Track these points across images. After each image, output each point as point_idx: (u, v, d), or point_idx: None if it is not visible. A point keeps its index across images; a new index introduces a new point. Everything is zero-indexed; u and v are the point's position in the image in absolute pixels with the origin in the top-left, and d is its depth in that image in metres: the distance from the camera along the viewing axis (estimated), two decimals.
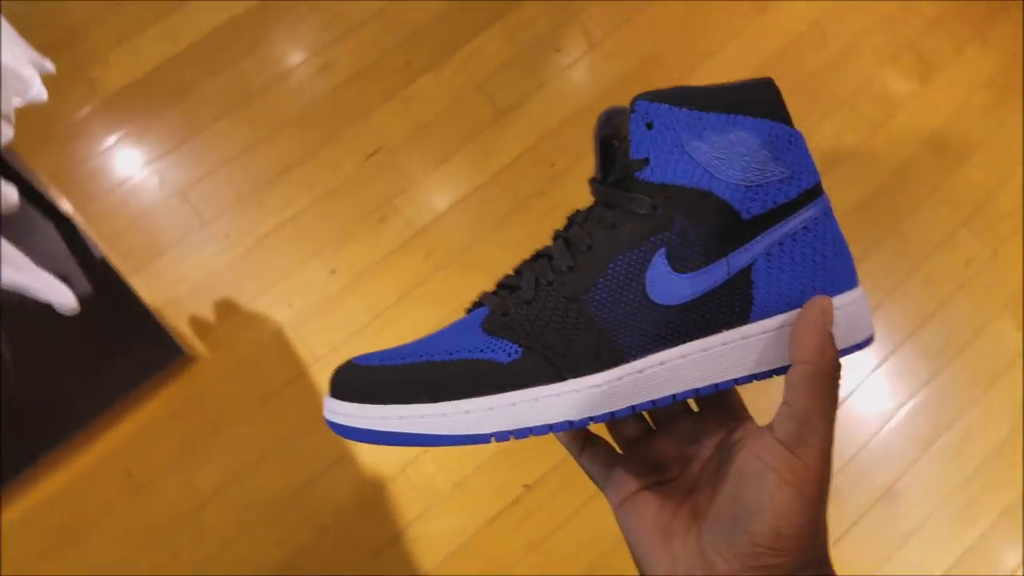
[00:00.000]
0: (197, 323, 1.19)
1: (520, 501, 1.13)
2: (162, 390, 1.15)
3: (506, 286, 0.40)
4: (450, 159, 1.29)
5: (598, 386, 0.36)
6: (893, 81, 1.38)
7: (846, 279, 0.39)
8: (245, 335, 1.18)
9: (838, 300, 0.38)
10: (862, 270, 0.40)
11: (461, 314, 0.41)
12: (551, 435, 0.39)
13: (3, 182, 0.88)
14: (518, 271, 0.41)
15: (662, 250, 0.37)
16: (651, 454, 0.41)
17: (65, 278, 1.06)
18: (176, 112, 1.31)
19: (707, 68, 1.36)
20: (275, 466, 1.13)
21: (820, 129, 1.33)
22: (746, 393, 0.41)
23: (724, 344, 0.37)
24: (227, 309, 1.19)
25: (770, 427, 0.35)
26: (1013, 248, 1.29)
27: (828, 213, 0.39)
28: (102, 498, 1.11)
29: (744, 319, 0.37)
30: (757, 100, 0.37)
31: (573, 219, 0.40)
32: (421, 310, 1.19)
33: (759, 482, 0.34)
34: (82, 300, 1.10)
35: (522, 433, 0.37)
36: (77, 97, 1.30)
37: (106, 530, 1.10)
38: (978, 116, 1.37)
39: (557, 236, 0.40)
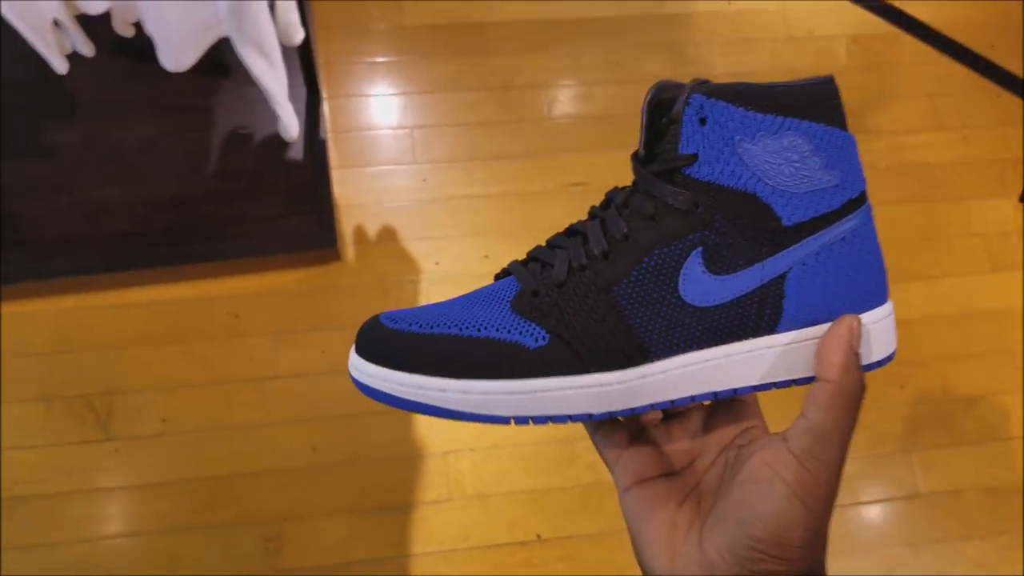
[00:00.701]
0: (360, 233, 1.26)
1: (527, 546, 1.11)
2: (300, 269, 1.23)
3: (537, 259, 0.39)
4: None
5: (620, 383, 0.36)
6: None
7: (877, 295, 0.38)
8: (389, 263, 1.25)
9: (867, 317, 0.37)
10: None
11: None
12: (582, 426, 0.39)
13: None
14: (552, 245, 0.39)
15: (699, 249, 0.35)
16: (662, 442, 0.40)
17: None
18: (450, 67, 1.41)
19: None
20: (347, 384, 1.15)
21: None
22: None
23: (749, 352, 0.36)
24: (389, 236, 1.26)
25: (784, 437, 0.34)
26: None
27: (868, 224, 0.37)
28: (202, 325, 1.20)
29: (772, 328, 0.36)
30: (815, 102, 0.35)
31: (611, 198, 0.39)
32: None
33: (767, 490, 0.33)
34: (288, 162, 1.20)
35: (541, 420, 0.36)
36: (382, 11, 1.44)
37: (192, 354, 1.18)
38: None
39: (594, 215, 0.39)
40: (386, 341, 0.37)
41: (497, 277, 0.41)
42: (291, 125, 1.11)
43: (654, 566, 0.36)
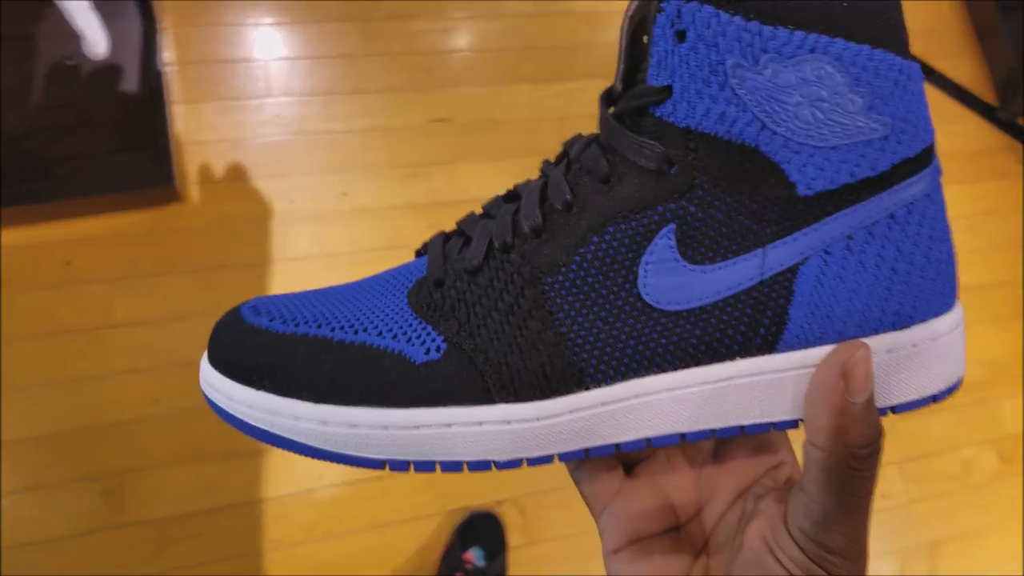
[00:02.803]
0: (205, 172, 1.14)
1: (382, 480, 1.03)
2: (138, 211, 1.11)
3: (462, 233, 0.28)
4: (501, 161, 1.24)
5: (537, 420, 0.25)
6: None
7: (939, 297, 0.25)
8: (237, 204, 1.14)
9: (922, 331, 0.24)
10: None
11: None
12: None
13: None
14: (484, 213, 0.29)
15: (671, 227, 0.24)
16: (663, 482, 0.29)
17: (121, 68, 1.02)
18: None
19: None
20: (192, 331, 1.06)
21: None
22: None
23: (730, 379, 0.25)
24: (237, 175, 1.15)
25: (785, 512, 0.24)
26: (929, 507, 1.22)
27: (932, 195, 0.25)
28: (32, 275, 1.07)
29: (770, 346, 0.25)
30: (862, 11, 0.22)
31: (567, 150, 0.28)
32: None
33: None
34: (121, 94, 1.05)
35: (425, 466, 0.26)
36: None
37: (15, 304, 1.04)
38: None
39: (542, 172, 0.28)
40: (238, 341, 0.27)
41: (418, 253, 0.30)
42: (95, 40, 0.96)
43: None
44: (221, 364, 0.27)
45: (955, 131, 1.48)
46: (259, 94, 1.20)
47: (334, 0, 1.28)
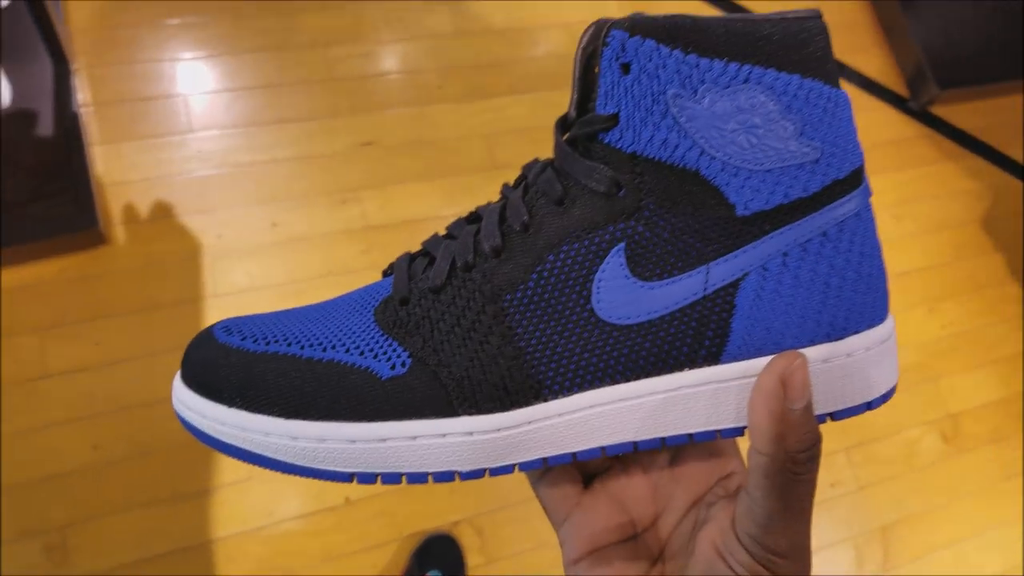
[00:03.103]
0: (130, 212, 1.16)
1: (336, 511, 1.09)
2: (63, 256, 1.12)
3: (427, 253, 0.31)
4: (430, 181, 1.29)
5: (497, 431, 0.27)
6: None
7: (871, 310, 0.28)
8: (164, 243, 1.16)
9: (862, 339, 0.27)
10: None
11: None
12: None
13: None
14: (447, 233, 0.31)
15: (620, 246, 0.27)
16: (621, 493, 0.31)
17: (34, 113, 1.04)
18: (222, 28, 1.32)
19: None
20: (128, 373, 1.08)
21: None
22: None
23: (679, 389, 0.27)
24: (162, 213, 1.17)
25: (733, 516, 0.27)
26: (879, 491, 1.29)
27: (862, 214, 0.28)
28: None
29: (714, 357, 0.27)
30: (790, 44, 0.26)
31: (525, 174, 0.31)
32: (332, 295, 1.14)
33: None
34: (37, 140, 1.07)
35: (392, 478, 0.28)
36: None
37: None
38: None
39: (502, 195, 0.31)
40: (210, 360, 0.29)
41: (385, 274, 0.32)
42: None
43: None
44: (193, 383, 0.29)
45: (874, 122, 1.59)
46: (180, 130, 1.22)
47: (251, 30, 1.32)
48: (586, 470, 0.32)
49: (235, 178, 1.21)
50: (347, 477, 0.27)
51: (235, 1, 1.33)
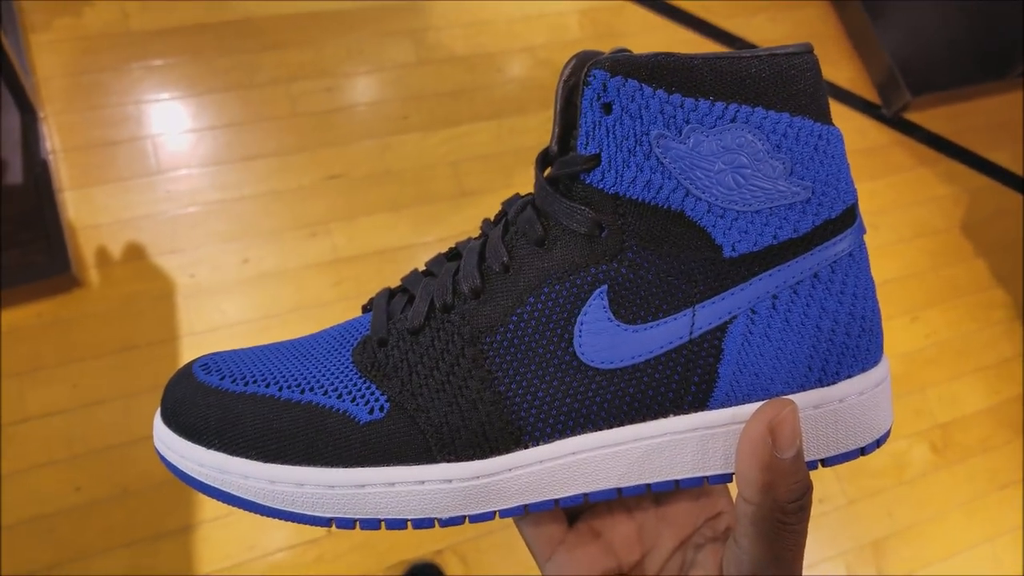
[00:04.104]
0: (102, 255, 1.31)
1: (317, 542, 1.22)
2: (39, 301, 1.26)
3: (406, 290, 0.33)
4: (399, 211, 1.44)
5: (477, 478, 0.29)
6: None
7: (865, 353, 0.30)
8: (138, 284, 1.30)
9: (856, 384, 0.29)
10: None
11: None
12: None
13: None
14: (427, 271, 0.33)
15: (603, 289, 0.29)
16: (606, 532, 0.34)
17: (3, 162, 1.21)
18: (185, 70, 1.48)
19: None
20: (106, 415, 1.22)
21: None
22: None
23: (664, 435, 0.29)
24: (135, 254, 1.32)
25: (720, 560, 0.29)
26: (868, 506, 1.41)
27: (855, 253, 0.29)
28: None
29: (702, 403, 0.29)
30: (780, 80, 0.28)
31: (506, 210, 0.33)
32: (307, 328, 1.28)
33: None
34: (6, 188, 1.24)
35: (370, 524, 0.30)
36: (106, 18, 1.48)
37: None
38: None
39: (482, 232, 0.33)
40: (189, 400, 0.32)
41: (364, 309, 0.35)
42: None
43: None
44: (172, 423, 0.32)
45: (847, 131, 1.75)
46: (149, 172, 1.37)
47: (214, 71, 1.47)
48: (571, 510, 0.35)
49: (205, 217, 1.36)
50: (326, 522, 0.30)
51: (197, 42, 1.49)
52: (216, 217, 1.37)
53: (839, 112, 1.78)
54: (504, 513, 0.30)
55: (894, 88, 1.75)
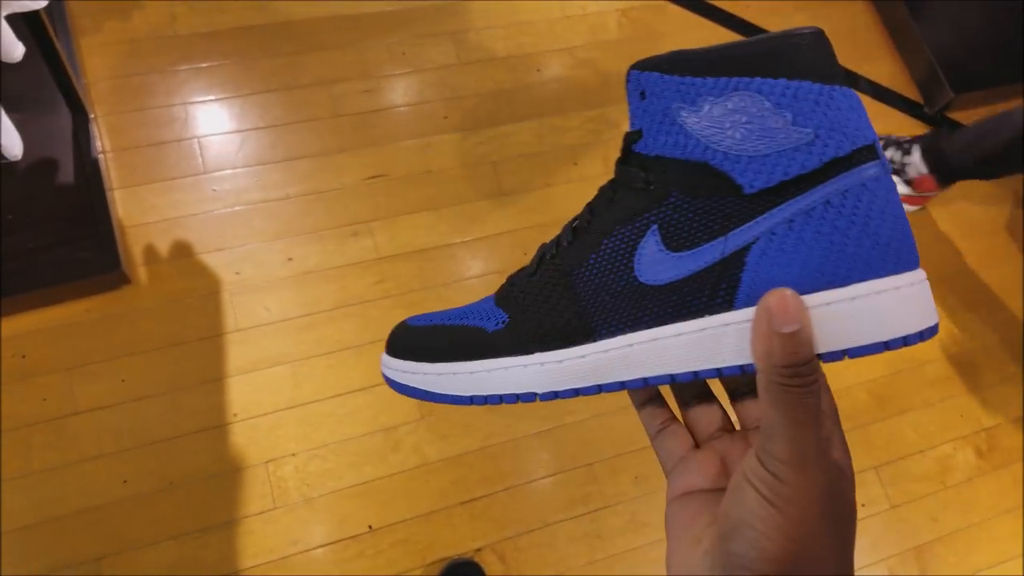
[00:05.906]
0: (150, 252, 1.33)
1: (359, 539, 1.23)
2: (89, 298, 1.29)
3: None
4: (438, 210, 1.45)
5: (560, 362, 0.39)
6: None
7: (878, 262, 0.35)
8: (185, 281, 1.33)
9: (860, 288, 0.34)
10: None
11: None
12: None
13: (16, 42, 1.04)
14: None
15: (655, 227, 0.37)
16: (725, 453, 0.41)
17: (56, 161, 1.24)
18: (231, 72, 1.50)
19: None
20: (154, 409, 1.25)
21: None
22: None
23: (702, 331, 0.37)
24: (182, 252, 1.34)
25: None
26: (912, 511, 1.40)
27: (868, 184, 0.34)
28: None
29: (728, 305, 0.36)
30: (779, 55, 0.35)
31: (602, 190, 0.42)
32: (349, 325, 1.33)
33: (738, 497, 0.33)
34: (58, 187, 1.27)
35: (493, 399, 0.41)
36: (153, 22, 1.51)
37: None
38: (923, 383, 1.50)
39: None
40: (399, 335, 0.46)
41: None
42: (10, 144, 1.15)
43: None
44: (391, 349, 0.45)
45: (890, 129, 1.69)
46: (194, 171, 1.40)
47: (258, 73, 1.50)
48: (698, 435, 0.43)
49: (249, 216, 1.39)
50: (468, 400, 0.42)
51: (242, 44, 1.52)
52: (260, 216, 1.40)
53: (880, 110, 1.76)
54: (583, 391, 0.40)
55: (936, 86, 1.73)
